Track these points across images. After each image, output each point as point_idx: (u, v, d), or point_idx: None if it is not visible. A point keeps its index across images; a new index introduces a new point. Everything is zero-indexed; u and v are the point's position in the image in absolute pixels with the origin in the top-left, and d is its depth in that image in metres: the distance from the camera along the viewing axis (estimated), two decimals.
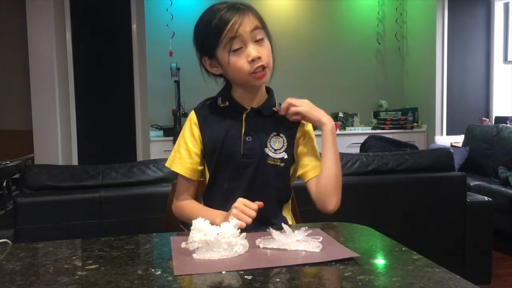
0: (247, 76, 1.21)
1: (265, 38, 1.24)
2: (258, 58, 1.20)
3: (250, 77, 1.22)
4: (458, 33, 5.14)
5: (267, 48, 1.23)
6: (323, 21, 5.57)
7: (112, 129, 4.25)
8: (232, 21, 1.18)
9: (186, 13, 5.08)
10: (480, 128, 4.49)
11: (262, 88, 1.30)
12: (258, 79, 1.22)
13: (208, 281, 0.82)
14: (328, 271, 0.85)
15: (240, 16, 1.19)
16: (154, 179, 2.15)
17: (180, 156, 1.28)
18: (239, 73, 1.22)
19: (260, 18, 1.24)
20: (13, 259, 0.95)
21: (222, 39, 1.19)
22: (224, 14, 1.19)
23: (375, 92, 5.75)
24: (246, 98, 1.29)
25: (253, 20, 1.21)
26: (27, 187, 2.07)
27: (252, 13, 1.23)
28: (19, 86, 4.21)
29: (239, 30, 1.18)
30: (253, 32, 1.20)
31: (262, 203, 1.12)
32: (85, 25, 4.13)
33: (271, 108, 1.31)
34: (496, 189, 3.54)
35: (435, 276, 0.82)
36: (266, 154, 1.26)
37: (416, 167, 2.47)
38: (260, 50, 1.21)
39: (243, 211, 1.09)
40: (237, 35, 1.18)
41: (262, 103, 1.30)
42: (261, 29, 1.23)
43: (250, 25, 1.20)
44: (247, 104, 1.29)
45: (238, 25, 1.18)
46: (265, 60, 1.21)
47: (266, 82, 1.27)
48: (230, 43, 1.19)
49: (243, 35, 1.19)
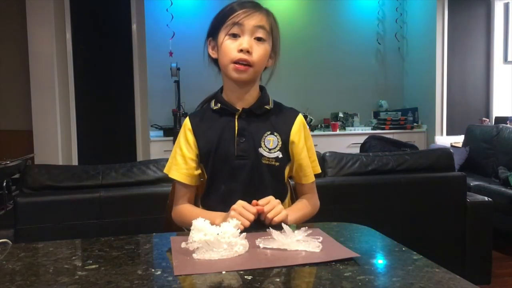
0: (229, 62, 1.22)
1: (267, 42, 1.24)
2: (247, 52, 1.20)
3: (231, 66, 1.22)
4: (458, 33, 5.14)
5: (263, 49, 1.23)
6: (323, 21, 5.57)
7: (112, 129, 4.25)
8: (241, 10, 1.22)
9: (186, 13, 5.08)
10: (480, 128, 4.49)
11: (252, 88, 1.29)
12: (236, 70, 1.22)
13: (208, 281, 0.82)
14: (328, 271, 0.85)
15: (252, 9, 1.22)
16: (154, 179, 2.15)
17: (176, 163, 1.29)
18: (225, 56, 1.23)
19: (272, 23, 1.25)
20: (13, 259, 0.95)
21: (227, 21, 1.22)
22: (238, 4, 1.23)
23: (375, 92, 5.75)
24: (236, 99, 1.28)
25: (262, 19, 1.23)
26: (27, 187, 2.07)
27: (266, 14, 1.25)
28: (19, 86, 4.22)
29: (243, 19, 1.21)
30: (256, 28, 1.21)
31: (262, 208, 1.12)
32: (85, 25, 4.13)
33: (263, 106, 1.30)
34: (496, 189, 3.53)
35: (435, 276, 0.82)
36: (261, 154, 1.26)
37: (416, 167, 2.47)
38: (254, 47, 1.21)
39: (241, 214, 1.10)
40: (239, 23, 1.21)
41: (254, 102, 1.29)
42: (266, 31, 1.23)
43: (256, 21, 1.22)
44: (238, 104, 1.28)
45: (245, 15, 1.21)
46: (254, 58, 1.21)
47: (246, 80, 1.24)
48: (231, 27, 1.22)
49: (245, 26, 1.21)
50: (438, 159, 2.53)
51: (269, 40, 1.25)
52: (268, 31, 1.23)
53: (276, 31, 1.28)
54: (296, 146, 1.29)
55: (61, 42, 3.99)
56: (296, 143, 1.29)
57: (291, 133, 1.29)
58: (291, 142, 1.29)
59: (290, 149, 1.30)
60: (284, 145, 1.28)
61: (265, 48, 1.24)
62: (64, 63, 4.04)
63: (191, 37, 4.71)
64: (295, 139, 1.29)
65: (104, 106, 4.22)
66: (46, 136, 3.94)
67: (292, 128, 1.30)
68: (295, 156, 1.30)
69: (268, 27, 1.24)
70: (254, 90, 1.30)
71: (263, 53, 1.23)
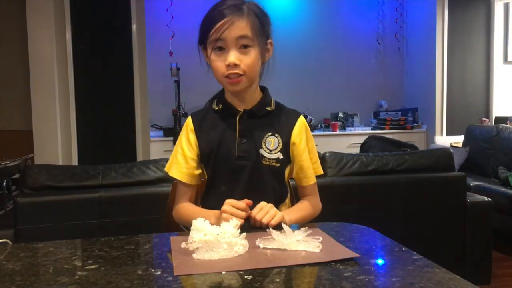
0: (222, 78, 1.22)
1: (254, 46, 1.21)
2: (235, 65, 1.19)
3: (224, 80, 1.23)
4: (458, 33, 5.14)
5: (250, 57, 1.20)
6: (323, 21, 5.57)
7: (112, 129, 4.25)
8: (221, 22, 1.18)
9: (186, 13, 5.08)
10: (480, 129, 4.49)
11: (253, 89, 1.29)
12: (231, 84, 1.22)
13: (208, 281, 0.82)
14: (328, 271, 0.85)
15: (233, 18, 1.18)
16: (154, 179, 2.15)
17: (177, 162, 1.30)
18: (216, 72, 1.23)
19: (254, 23, 1.21)
20: (13, 259, 0.95)
21: (210, 36, 1.21)
22: (220, 12, 1.19)
23: (375, 92, 5.75)
24: (237, 100, 1.28)
25: (243, 27, 1.19)
26: (27, 187, 2.07)
27: (247, 17, 1.20)
28: (19, 86, 4.21)
29: (224, 33, 1.18)
30: (240, 39, 1.19)
31: (251, 201, 1.14)
32: (85, 25, 4.13)
33: (265, 107, 1.30)
34: (496, 190, 3.53)
35: (435, 276, 0.82)
36: (261, 155, 1.26)
37: (416, 167, 2.47)
38: (241, 57, 1.19)
39: (232, 214, 1.10)
40: (221, 38, 1.18)
41: (256, 103, 1.29)
42: (250, 37, 1.20)
43: (236, 32, 1.18)
44: (240, 105, 1.28)
45: (225, 28, 1.17)
46: (243, 68, 1.20)
47: (241, 89, 1.24)
48: (214, 43, 1.20)
49: (227, 40, 1.19)
50: (438, 159, 2.53)
51: (256, 41, 1.21)
52: (251, 36, 1.20)
53: (264, 25, 1.24)
54: (297, 147, 1.29)
55: (61, 42, 3.99)
56: (297, 144, 1.29)
57: (292, 135, 1.29)
58: (292, 144, 1.29)
59: (291, 150, 1.30)
60: (285, 146, 1.28)
61: (252, 55, 1.21)
62: (64, 63, 4.04)
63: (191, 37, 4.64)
64: (296, 140, 1.29)
65: (104, 106, 4.22)
66: (46, 136, 3.94)
67: (293, 129, 1.30)
68: (296, 157, 1.30)
69: (251, 33, 1.20)
70: (255, 91, 1.30)
71: (252, 60, 1.21)
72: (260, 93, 1.32)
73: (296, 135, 1.29)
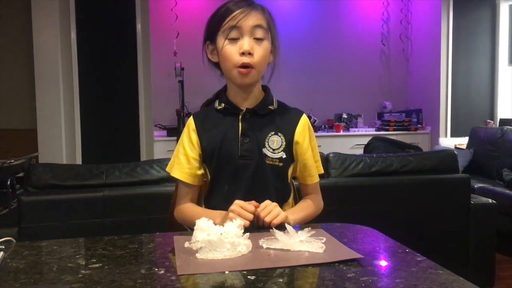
0: (232, 67, 1.22)
1: (266, 40, 1.23)
2: (249, 54, 1.20)
3: (235, 71, 1.22)
4: (463, 35, 5.13)
5: (263, 49, 1.22)
6: (327, 22, 5.56)
7: (116, 128, 4.26)
8: (237, 12, 1.20)
9: (191, 13, 5.09)
10: (485, 130, 4.47)
11: (256, 88, 1.29)
12: (241, 74, 1.22)
13: (211, 281, 0.82)
14: (331, 272, 0.85)
15: (247, 9, 1.21)
16: (158, 178, 2.16)
17: (179, 162, 1.29)
18: (228, 61, 1.22)
19: (268, 19, 1.24)
20: (17, 257, 0.96)
21: (224, 25, 1.21)
22: (233, 4, 1.22)
23: (379, 93, 5.74)
24: (240, 98, 1.28)
25: (259, 18, 1.21)
26: (31, 186, 2.07)
27: (262, 11, 1.23)
28: (24, 85, 4.23)
29: (240, 21, 1.19)
30: (255, 28, 1.20)
31: (259, 204, 1.13)
32: (90, 25, 4.14)
33: (267, 107, 1.30)
34: (500, 192, 3.52)
35: (438, 278, 0.81)
36: (264, 154, 1.26)
37: (420, 169, 2.47)
38: (255, 47, 1.21)
39: (240, 214, 1.10)
40: (237, 26, 1.19)
41: (258, 102, 1.29)
42: (265, 29, 1.22)
43: (253, 21, 1.20)
44: (242, 104, 1.28)
45: (242, 17, 1.19)
46: (256, 59, 1.21)
47: (250, 83, 1.25)
48: (229, 31, 1.20)
49: (243, 28, 1.20)
50: (442, 160, 2.52)
51: (268, 37, 1.24)
52: (266, 28, 1.23)
53: (273, 26, 1.27)
54: (301, 146, 1.29)
55: (66, 42, 4.00)
56: (300, 143, 1.29)
57: (295, 134, 1.29)
58: (295, 143, 1.29)
59: (294, 149, 1.29)
60: (288, 145, 1.28)
61: (265, 47, 1.23)
62: (68, 62, 4.05)
63: (195, 37, 4.67)
64: (300, 139, 1.29)
65: (108, 105, 4.23)
66: (50, 135, 3.95)
67: (296, 128, 1.29)
68: (300, 156, 1.30)
69: (265, 25, 1.23)
70: (258, 90, 1.30)
71: (264, 52, 1.23)
72: (262, 92, 1.32)
73: (299, 134, 1.29)
